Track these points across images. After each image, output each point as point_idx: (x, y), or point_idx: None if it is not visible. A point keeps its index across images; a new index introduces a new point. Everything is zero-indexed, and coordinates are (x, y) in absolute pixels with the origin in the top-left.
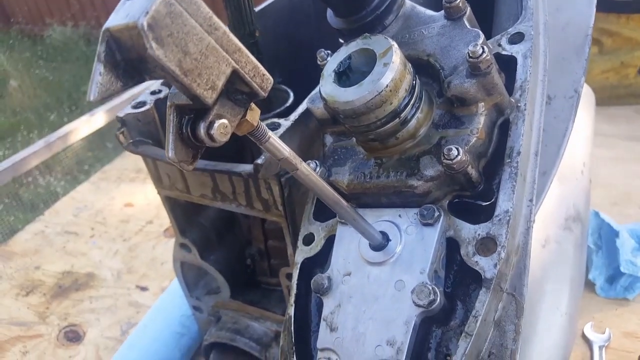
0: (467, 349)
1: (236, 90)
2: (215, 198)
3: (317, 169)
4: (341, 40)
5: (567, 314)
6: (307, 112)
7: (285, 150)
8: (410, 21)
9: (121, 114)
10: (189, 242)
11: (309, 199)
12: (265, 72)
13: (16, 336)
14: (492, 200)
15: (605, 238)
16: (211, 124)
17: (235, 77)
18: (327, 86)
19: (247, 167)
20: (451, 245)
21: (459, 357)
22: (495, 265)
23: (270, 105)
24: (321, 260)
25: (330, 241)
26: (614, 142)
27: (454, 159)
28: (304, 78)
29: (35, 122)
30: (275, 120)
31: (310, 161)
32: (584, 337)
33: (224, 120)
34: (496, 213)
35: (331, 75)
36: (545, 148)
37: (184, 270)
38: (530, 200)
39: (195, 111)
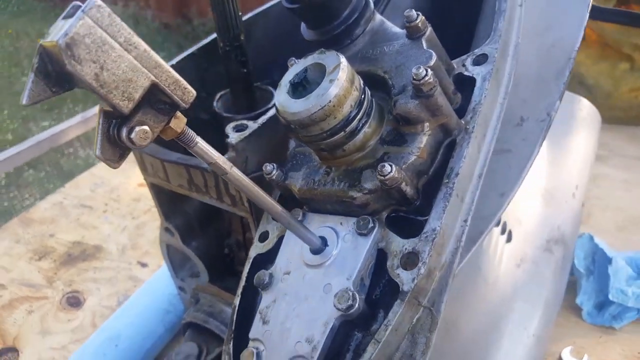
0: (374, 354)
1: (159, 100)
2: (191, 189)
3: (274, 171)
4: None
5: (534, 336)
6: (276, 117)
7: (214, 155)
8: (376, 36)
9: None
10: (172, 227)
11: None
12: (187, 86)
13: (25, 296)
14: (428, 217)
15: (598, 264)
16: (131, 129)
17: (155, 90)
18: (280, 96)
19: None
20: (382, 256)
21: None
22: (414, 280)
23: (255, 105)
24: (271, 257)
25: (281, 240)
26: (632, 163)
27: (386, 175)
28: None
29: (80, 96)
30: (244, 122)
31: (268, 164)
32: None
33: (145, 127)
34: (424, 230)
35: (287, 85)
36: (508, 169)
37: (170, 252)
38: (465, 221)
39: (119, 116)
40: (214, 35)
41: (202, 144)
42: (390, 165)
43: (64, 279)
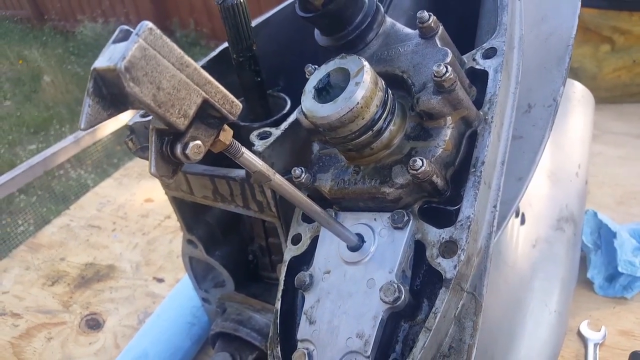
0: (426, 342)
1: (209, 115)
2: (216, 199)
3: (303, 175)
4: None
5: (556, 312)
6: (297, 122)
7: (259, 163)
8: (389, 38)
9: (130, 122)
10: (195, 239)
11: None
12: (234, 100)
13: (42, 323)
14: (459, 206)
15: (605, 238)
16: (186, 145)
17: (206, 105)
18: (307, 102)
19: (241, 172)
20: (420, 248)
21: (418, 349)
22: (455, 267)
23: (269, 113)
24: (307, 258)
25: (315, 241)
26: (624, 140)
27: (418, 169)
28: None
29: (67, 116)
30: (267, 129)
31: (296, 168)
32: (579, 334)
33: (198, 142)
34: (459, 219)
35: (311, 91)
36: (522, 155)
37: (193, 264)
38: (494, 207)
39: (173, 133)
40: (221, 47)
41: (247, 153)
42: (421, 160)
43: (81, 302)
